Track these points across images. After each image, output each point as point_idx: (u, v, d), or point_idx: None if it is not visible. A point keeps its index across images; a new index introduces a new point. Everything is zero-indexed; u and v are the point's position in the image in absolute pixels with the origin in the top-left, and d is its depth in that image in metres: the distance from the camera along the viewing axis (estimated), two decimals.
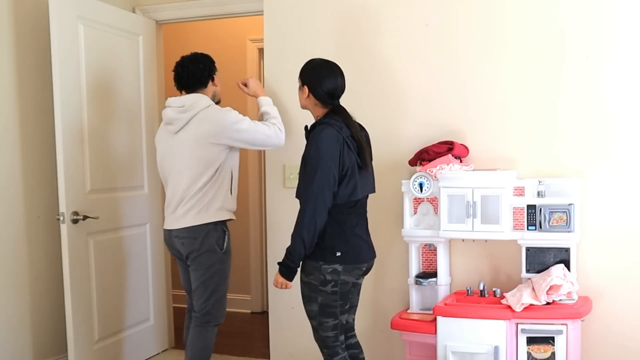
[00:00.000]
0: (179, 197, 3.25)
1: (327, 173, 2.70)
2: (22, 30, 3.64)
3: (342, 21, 3.59)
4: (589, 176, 3.16)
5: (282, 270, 2.79)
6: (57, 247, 3.63)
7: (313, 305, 2.81)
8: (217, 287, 3.30)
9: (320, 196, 2.69)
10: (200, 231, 3.22)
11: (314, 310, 2.81)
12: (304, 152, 2.82)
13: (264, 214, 5.06)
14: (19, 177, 3.65)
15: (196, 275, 3.29)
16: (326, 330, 2.82)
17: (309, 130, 2.86)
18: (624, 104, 3.11)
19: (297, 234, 2.72)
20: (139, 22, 4.17)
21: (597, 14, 3.13)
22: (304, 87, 2.88)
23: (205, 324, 3.31)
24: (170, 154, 3.30)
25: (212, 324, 3.33)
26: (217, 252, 3.26)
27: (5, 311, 3.58)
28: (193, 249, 3.24)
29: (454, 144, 3.23)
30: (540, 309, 2.95)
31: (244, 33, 5.27)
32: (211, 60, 3.37)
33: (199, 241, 3.23)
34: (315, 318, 2.83)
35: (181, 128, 3.23)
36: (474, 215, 3.11)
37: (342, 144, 2.74)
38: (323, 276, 2.76)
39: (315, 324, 2.84)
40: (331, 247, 2.76)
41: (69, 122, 3.56)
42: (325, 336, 2.84)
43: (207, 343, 3.33)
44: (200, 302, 3.30)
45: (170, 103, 3.30)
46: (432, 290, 3.34)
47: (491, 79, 3.31)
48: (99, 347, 3.80)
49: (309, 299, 2.81)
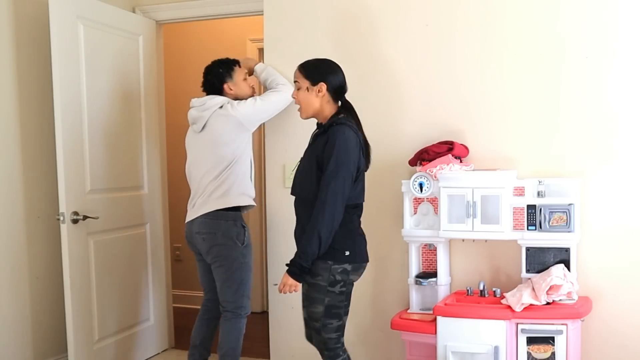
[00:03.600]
0: (200, 189, 3.42)
1: (348, 175, 2.69)
2: (22, 30, 3.64)
3: (342, 21, 3.59)
4: (589, 176, 3.16)
5: (294, 271, 2.69)
6: (57, 247, 3.63)
7: (318, 307, 2.76)
8: (242, 280, 3.42)
9: (341, 197, 2.67)
10: (219, 227, 3.35)
11: (319, 312, 2.76)
12: (315, 149, 2.77)
13: (264, 213, 5.06)
14: (19, 177, 3.65)
15: (221, 271, 3.40)
16: (329, 331, 2.80)
17: (324, 129, 2.79)
18: (624, 104, 3.11)
19: (314, 232, 2.64)
20: (139, 22, 4.17)
21: (597, 14, 3.13)
22: (317, 85, 2.80)
23: (237, 317, 3.44)
24: (195, 151, 3.49)
25: (243, 315, 3.46)
26: (238, 247, 3.37)
27: (5, 311, 3.58)
28: (214, 243, 3.36)
29: (454, 144, 3.23)
30: (540, 309, 2.95)
31: (244, 33, 5.27)
32: (222, 68, 3.51)
33: (219, 236, 3.34)
34: (319, 320, 2.78)
35: (204, 126, 3.42)
36: (474, 215, 3.11)
37: (359, 146, 2.76)
38: (333, 276, 2.73)
39: (318, 326, 2.79)
40: (340, 246, 2.74)
41: (69, 121, 3.56)
42: (328, 338, 2.80)
43: (240, 334, 3.46)
44: (229, 296, 3.41)
45: (193, 104, 3.50)
46: (432, 290, 3.34)
47: (491, 79, 3.31)
48: (99, 347, 3.80)
49: (314, 301, 2.76)
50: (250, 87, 3.56)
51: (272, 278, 3.81)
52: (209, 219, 3.36)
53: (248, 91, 3.54)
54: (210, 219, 3.35)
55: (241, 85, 3.52)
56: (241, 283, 3.42)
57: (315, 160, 2.75)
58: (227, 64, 3.53)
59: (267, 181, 3.85)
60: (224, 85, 3.49)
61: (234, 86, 3.50)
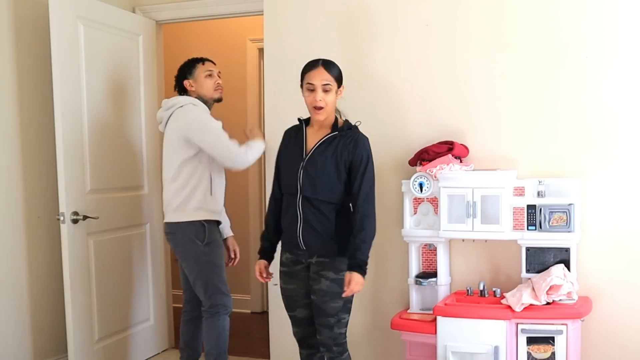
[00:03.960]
0: (164, 194, 3.45)
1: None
2: (22, 30, 3.64)
3: (342, 21, 3.59)
4: (588, 176, 3.16)
5: (365, 270, 2.78)
6: (57, 247, 3.63)
7: (339, 301, 2.83)
8: (209, 278, 3.36)
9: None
10: (178, 227, 3.36)
11: (337, 307, 2.83)
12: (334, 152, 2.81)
13: (264, 213, 5.06)
14: (19, 177, 3.65)
15: (187, 271, 3.42)
16: (342, 326, 2.88)
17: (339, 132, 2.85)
18: (624, 104, 3.11)
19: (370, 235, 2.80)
20: (139, 22, 4.17)
21: (596, 14, 3.13)
22: (341, 87, 2.87)
23: (215, 314, 3.39)
24: (164, 152, 3.48)
25: (222, 313, 3.40)
26: (198, 245, 3.33)
27: (5, 311, 3.58)
28: (176, 244, 3.40)
29: (454, 144, 3.23)
30: (540, 309, 2.95)
31: (244, 33, 5.27)
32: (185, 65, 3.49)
33: (178, 236, 3.36)
34: (336, 315, 2.84)
35: (165, 126, 3.43)
36: (474, 215, 3.11)
37: None
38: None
39: (333, 322, 2.85)
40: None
41: (69, 122, 3.56)
42: (339, 333, 2.87)
43: (221, 332, 3.40)
44: (202, 295, 3.40)
45: (161, 104, 3.53)
46: (432, 290, 3.34)
47: (491, 79, 3.31)
48: (99, 347, 3.80)
49: (335, 296, 2.82)
50: (214, 84, 3.47)
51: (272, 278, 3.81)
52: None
53: (210, 88, 3.46)
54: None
55: (202, 82, 3.45)
56: (209, 281, 3.37)
57: (337, 164, 2.80)
58: (191, 61, 3.50)
59: (267, 181, 3.84)
60: (184, 82, 3.46)
61: (195, 83, 3.45)
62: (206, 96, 3.47)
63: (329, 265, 2.83)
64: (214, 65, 3.54)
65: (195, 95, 3.45)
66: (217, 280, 3.38)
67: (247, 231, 5.38)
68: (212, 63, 3.54)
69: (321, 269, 2.84)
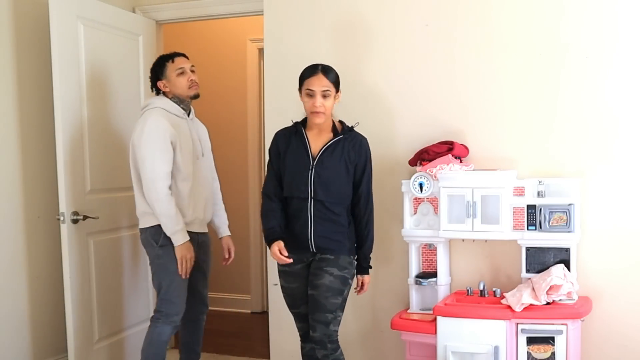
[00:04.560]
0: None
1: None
2: (22, 30, 3.64)
3: (342, 21, 3.59)
4: (588, 176, 3.16)
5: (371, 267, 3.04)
6: (57, 247, 3.63)
7: (339, 297, 2.89)
8: (160, 282, 3.25)
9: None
10: (142, 232, 3.31)
11: (337, 303, 2.88)
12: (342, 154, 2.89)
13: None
14: (19, 177, 3.65)
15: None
16: (336, 324, 2.91)
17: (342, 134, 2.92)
18: (624, 104, 3.11)
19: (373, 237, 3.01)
20: (139, 22, 4.17)
21: (596, 14, 3.13)
22: (339, 92, 2.93)
23: (156, 320, 3.27)
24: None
25: (162, 320, 3.25)
26: (154, 247, 3.24)
27: (5, 311, 3.58)
28: (142, 244, 3.35)
29: (454, 144, 3.23)
30: (540, 309, 2.95)
31: (244, 33, 5.27)
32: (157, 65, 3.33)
33: (142, 237, 3.31)
34: (334, 312, 2.88)
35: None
36: (474, 215, 3.11)
37: None
38: (354, 270, 2.99)
39: (330, 318, 2.88)
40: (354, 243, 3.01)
41: (69, 122, 3.56)
42: (334, 330, 2.90)
43: (154, 340, 3.26)
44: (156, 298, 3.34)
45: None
46: (432, 290, 3.34)
47: (491, 79, 3.31)
48: (99, 347, 3.80)
49: (337, 292, 2.88)
50: (187, 81, 3.28)
51: (272, 278, 3.81)
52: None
53: (184, 86, 3.28)
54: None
55: (174, 82, 3.27)
56: (160, 286, 3.25)
57: (346, 166, 2.90)
58: (160, 60, 3.34)
59: None
60: (158, 83, 3.31)
61: (168, 83, 3.29)
62: (182, 95, 3.30)
63: (334, 262, 2.89)
64: (185, 61, 3.34)
65: (170, 95, 3.30)
66: (167, 286, 3.23)
67: (247, 231, 5.39)
68: (184, 58, 3.35)
69: (325, 264, 2.89)
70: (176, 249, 3.19)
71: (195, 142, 3.35)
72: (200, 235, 3.37)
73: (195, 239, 3.30)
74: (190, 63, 3.35)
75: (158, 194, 3.13)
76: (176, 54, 3.35)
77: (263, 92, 4.01)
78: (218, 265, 3.69)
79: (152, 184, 3.13)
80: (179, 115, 3.28)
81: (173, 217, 3.16)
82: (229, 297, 5.50)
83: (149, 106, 3.27)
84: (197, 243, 3.32)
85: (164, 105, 3.25)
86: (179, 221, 3.17)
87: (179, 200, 3.22)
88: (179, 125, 3.25)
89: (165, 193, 3.13)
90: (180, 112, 3.30)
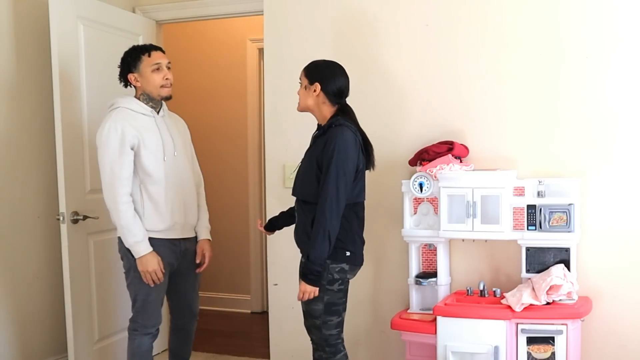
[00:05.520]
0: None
1: (347, 176, 2.72)
2: (22, 30, 3.64)
3: (342, 21, 3.59)
4: (588, 176, 3.16)
5: (311, 278, 2.70)
6: (57, 247, 3.63)
7: (318, 304, 2.77)
8: (136, 293, 3.08)
9: (342, 196, 2.70)
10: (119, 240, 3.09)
11: (319, 310, 2.78)
12: (315, 150, 2.80)
13: (264, 213, 5.06)
14: (19, 177, 3.65)
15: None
16: (330, 328, 2.82)
17: (323, 130, 2.83)
18: (624, 104, 3.11)
19: (324, 234, 2.67)
20: (139, 22, 4.17)
21: (596, 14, 3.13)
22: (313, 85, 2.83)
23: (132, 332, 3.12)
24: None
25: (139, 332, 3.10)
26: (129, 259, 3.04)
27: (6, 311, 3.58)
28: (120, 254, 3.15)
29: (454, 144, 3.23)
30: (540, 309, 2.95)
31: (244, 33, 5.27)
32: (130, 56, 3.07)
33: (119, 247, 3.11)
34: (319, 317, 2.80)
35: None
36: (474, 215, 3.11)
37: (358, 146, 2.79)
38: (331, 275, 2.75)
39: (318, 323, 2.81)
40: (341, 246, 2.76)
41: (69, 122, 3.56)
42: (328, 334, 2.83)
43: (135, 353, 3.12)
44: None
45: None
46: (432, 290, 3.34)
47: (491, 79, 3.31)
48: (99, 347, 3.80)
49: (314, 298, 2.77)
50: (162, 79, 3.04)
51: (272, 278, 3.81)
52: None
53: (157, 84, 3.04)
54: None
55: (148, 77, 3.03)
56: (136, 296, 3.08)
57: (315, 162, 2.78)
58: (135, 51, 3.07)
59: (267, 181, 3.85)
60: (129, 76, 3.06)
61: (140, 77, 3.04)
62: (152, 93, 3.06)
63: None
64: (162, 56, 3.09)
65: (140, 91, 3.07)
66: (142, 297, 3.07)
67: (247, 231, 5.39)
68: (161, 52, 3.10)
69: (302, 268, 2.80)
70: (137, 262, 2.97)
71: (167, 141, 3.08)
72: (182, 242, 3.16)
73: (176, 246, 3.12)
74: (167, 59, 3.10)
75: (115, 202, 2.94)
76: (153, 46, 3.11)
77: (263, 92, 4.01)
78: (218, 265, 3.69)
79: (109, 189, 2.95)
80: (145, 114, 3.06)
81: (130, 227, 2.95)
82: (229, 297, 5.50)
83: (113, 106, 3.06)
84: (179, 251, 3.14)
85: (128, 106, 3.04)
86: (137, 232, 2.96)
87: (154, 206, 3.02)
88: (144, 126, 3.02)
89: (121, 201, 2.94)
90: (148, 110, 3.07)
